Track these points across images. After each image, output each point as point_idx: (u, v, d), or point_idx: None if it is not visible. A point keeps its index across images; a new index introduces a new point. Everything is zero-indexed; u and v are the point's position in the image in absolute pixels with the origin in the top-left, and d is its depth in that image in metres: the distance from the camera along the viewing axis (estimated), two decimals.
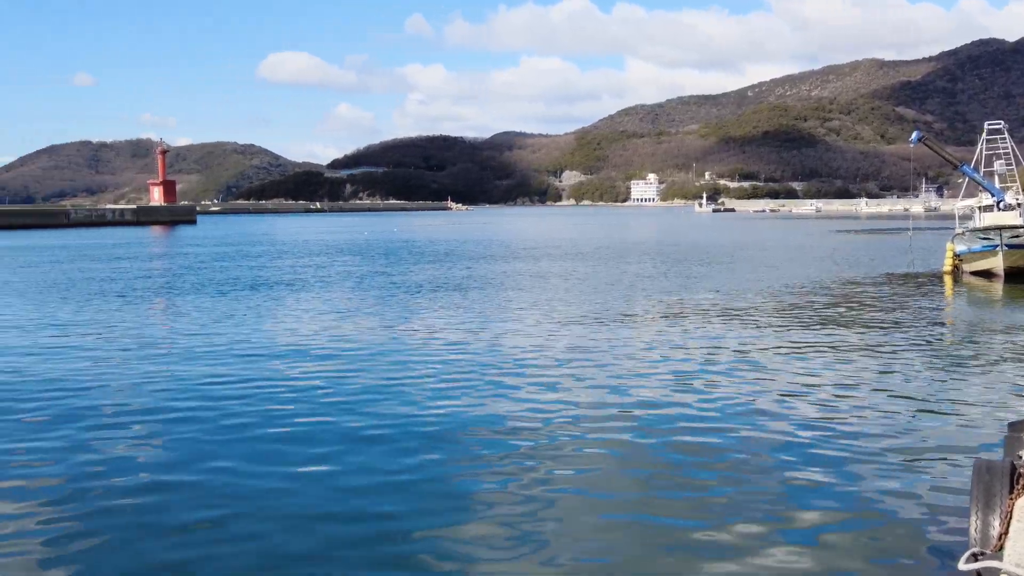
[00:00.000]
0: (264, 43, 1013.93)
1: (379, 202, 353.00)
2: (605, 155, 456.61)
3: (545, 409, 13.09)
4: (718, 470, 10.17)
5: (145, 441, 11.72)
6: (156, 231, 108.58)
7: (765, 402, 13.52)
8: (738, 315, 23.73)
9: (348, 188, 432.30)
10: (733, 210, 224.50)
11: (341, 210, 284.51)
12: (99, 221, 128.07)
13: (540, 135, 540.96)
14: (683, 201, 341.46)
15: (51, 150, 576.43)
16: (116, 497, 9.53)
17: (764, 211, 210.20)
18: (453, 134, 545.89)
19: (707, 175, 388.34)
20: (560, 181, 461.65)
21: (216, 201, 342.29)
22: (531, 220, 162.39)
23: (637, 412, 12.87)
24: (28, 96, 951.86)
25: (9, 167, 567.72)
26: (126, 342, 20.04)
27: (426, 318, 23.94)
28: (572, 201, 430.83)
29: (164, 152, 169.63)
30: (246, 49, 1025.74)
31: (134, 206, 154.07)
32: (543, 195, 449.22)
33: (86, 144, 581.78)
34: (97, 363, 17.38)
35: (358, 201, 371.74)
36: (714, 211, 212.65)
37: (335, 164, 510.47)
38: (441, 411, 13.13)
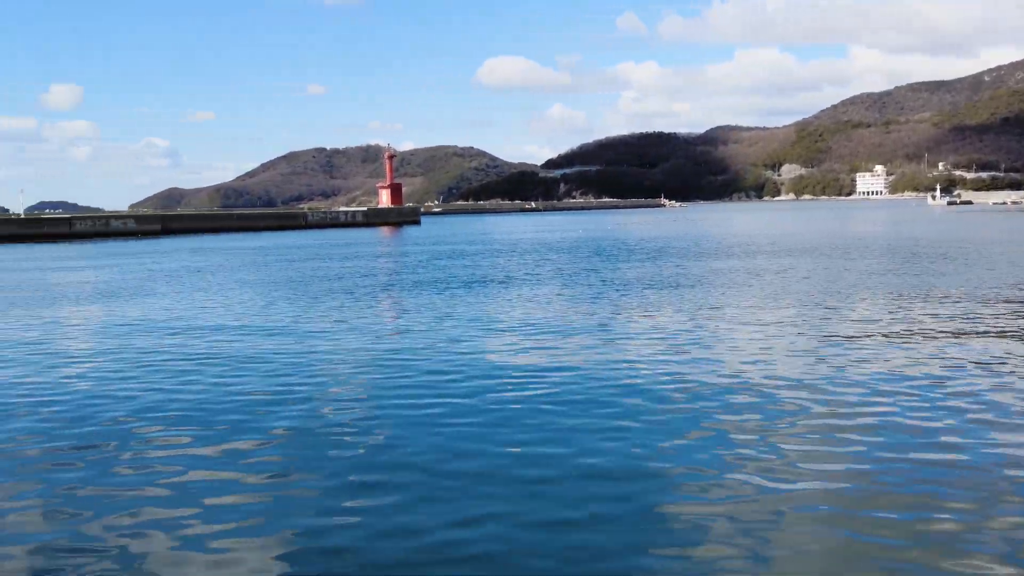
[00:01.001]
0: (481, 49, 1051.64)
1: (592, 200, 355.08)
2: (827, 147, 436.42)
3: (766, 427, 12.43)
4: (965, 512, 9.11)
5: (366, 436, 12.24)
6: (384, 232, 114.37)
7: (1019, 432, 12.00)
8: (980, 321, 21.85)
9: (562, 187, 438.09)
10: (971, 202, 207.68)
11: (555, 209, 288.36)
12: (333, 223, 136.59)
13: (757, 128, 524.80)
14: (914, 193, 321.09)
15: (289, 157, 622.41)
16: (338, 489, 10.06)
17: (1005, 203, 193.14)
18: (667, 130, 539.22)
19: (940, 166, 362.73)
20: (778, 175, 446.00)
21: (438, 202, 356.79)
22: (747, 216, 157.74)
23: (871, 437, 11.77)
24: (267, 107, 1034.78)
25: (252, 173, 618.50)
26: (351, 337, 21.18)
27: (636, 317, 23.72)
28: (791, 196, 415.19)
29: (391, 157, 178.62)
30: (464, 56, 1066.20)
31: (364, 208, 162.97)
32: (760, 190, 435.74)
33: (321, 151, 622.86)
34: (323, 358, 18.44)
35: (571, 200, 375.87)
36: (949, 203, 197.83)
37: (549, 164, 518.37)
38: (652, 422, 12.86)
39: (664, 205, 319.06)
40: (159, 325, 24.29)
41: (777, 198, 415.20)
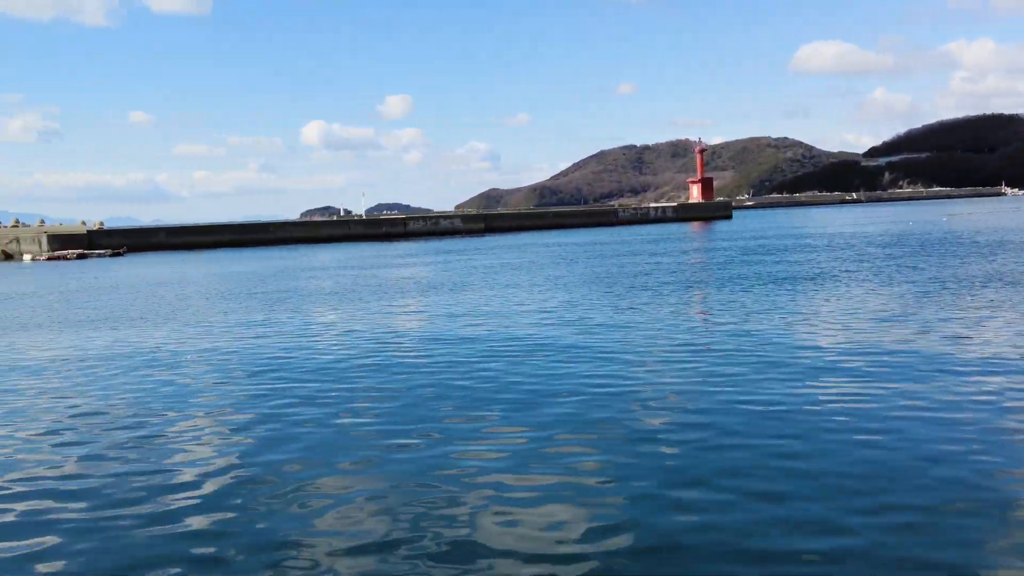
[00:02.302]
0: (795, 36, 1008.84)
1: (921, 190, 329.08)
2: None
3: None
4: None
5: (677, 435, 12.23)
6: (694, 227, 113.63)
7: None
8: None
9: (886, 176, 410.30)
10: None
11: (879, 200, 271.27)
12: (643, 219, 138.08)
13: None
14: None
15: (599, 155, 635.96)
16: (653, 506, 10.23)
17: None
18: (1006, 111, 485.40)
19: None
20: None
21: (749, 195, 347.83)
22: None
23: None
24: (578, 107, 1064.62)
25: (564, 172, 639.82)
26: (656, 336, 21.28)
27: (969, 323, 21.63)
28: None
29: (702, 151, 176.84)
30: (777, 44, 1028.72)
31: (674, 204, 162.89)
32: None
33: (630, 148, 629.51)
34: (625, 361, 18.65)
35: (897, 190, 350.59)
36: None
37: (871, 152, 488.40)
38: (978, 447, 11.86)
39: (1005, 193, 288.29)
40: (475, 330, 25.93)
41: None
